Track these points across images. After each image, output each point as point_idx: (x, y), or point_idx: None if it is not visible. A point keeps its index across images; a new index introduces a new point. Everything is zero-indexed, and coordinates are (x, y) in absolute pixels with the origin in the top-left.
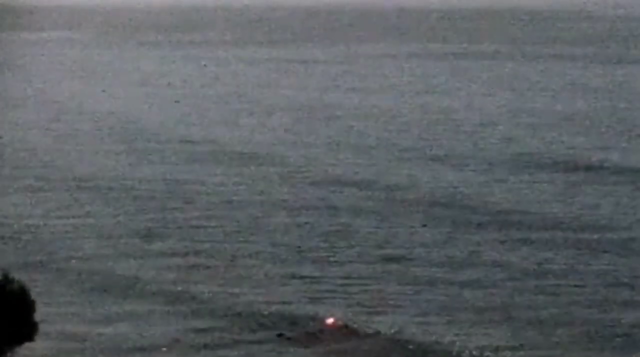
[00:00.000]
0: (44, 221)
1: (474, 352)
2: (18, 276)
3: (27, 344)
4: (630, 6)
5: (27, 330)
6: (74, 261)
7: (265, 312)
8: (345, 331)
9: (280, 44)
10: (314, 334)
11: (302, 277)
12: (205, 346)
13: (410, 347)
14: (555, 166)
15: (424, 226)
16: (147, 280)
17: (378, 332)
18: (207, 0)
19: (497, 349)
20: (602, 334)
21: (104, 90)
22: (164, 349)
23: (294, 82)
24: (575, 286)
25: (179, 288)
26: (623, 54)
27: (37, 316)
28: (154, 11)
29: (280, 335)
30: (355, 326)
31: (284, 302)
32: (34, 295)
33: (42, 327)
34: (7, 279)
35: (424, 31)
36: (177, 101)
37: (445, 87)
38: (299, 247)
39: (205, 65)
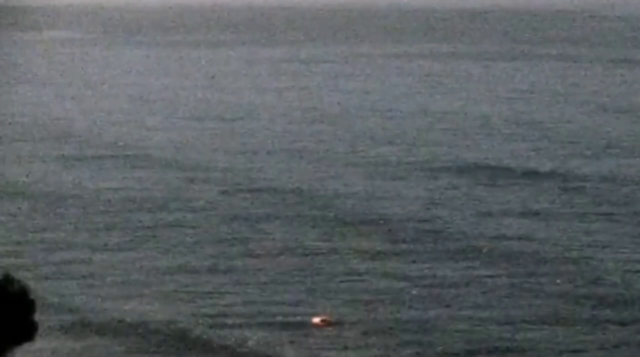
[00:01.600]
0: None
1: None
2: None
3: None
4: (630, 6)
5: (27, 330)
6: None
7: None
8: (331, 329)
9: (280, 44)
10: (301, 332)
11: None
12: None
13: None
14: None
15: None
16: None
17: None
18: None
19: None
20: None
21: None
22: None
23: (293, 83)
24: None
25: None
26: (623, 55)
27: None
28: (154, 11)
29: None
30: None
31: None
32: None
33: None
34: (7, 279)
35: (425, 31)
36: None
37: (444, 89)
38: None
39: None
